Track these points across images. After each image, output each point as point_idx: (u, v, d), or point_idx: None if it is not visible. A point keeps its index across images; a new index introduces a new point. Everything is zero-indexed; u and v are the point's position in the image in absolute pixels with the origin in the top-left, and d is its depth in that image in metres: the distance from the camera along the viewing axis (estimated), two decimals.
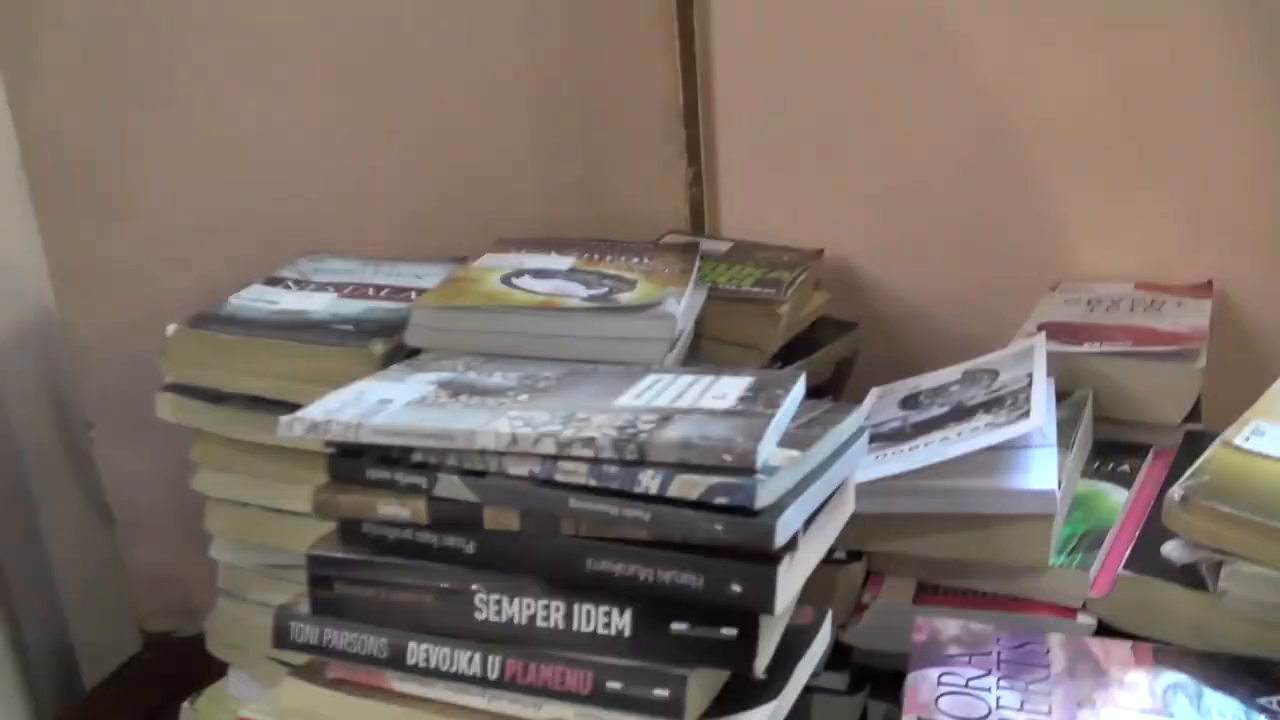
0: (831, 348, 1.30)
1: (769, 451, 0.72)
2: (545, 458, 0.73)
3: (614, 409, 0.78)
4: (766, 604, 0.70)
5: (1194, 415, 1.10)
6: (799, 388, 0.82)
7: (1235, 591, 0.83)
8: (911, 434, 0.99)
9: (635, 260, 1.11)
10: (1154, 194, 1.31)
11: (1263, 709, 0.78)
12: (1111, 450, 1.09)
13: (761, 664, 0.72)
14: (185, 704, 1.11)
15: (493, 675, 0.75)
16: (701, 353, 1.12)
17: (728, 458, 0.69)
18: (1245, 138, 1.25)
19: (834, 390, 1.28)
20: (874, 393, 1.13)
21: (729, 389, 0.81)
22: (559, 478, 0.73)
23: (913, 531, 0.95)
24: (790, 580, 0.72)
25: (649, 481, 0.70)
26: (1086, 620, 0.90)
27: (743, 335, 1.15)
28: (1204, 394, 1.11)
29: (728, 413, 0.76)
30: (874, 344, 1.36)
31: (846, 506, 0.84)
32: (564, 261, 1.10)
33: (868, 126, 1.38)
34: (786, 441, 0.75)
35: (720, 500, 0.68)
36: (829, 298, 1.34)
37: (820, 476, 0.75)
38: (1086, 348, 1.13)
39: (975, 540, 0.93)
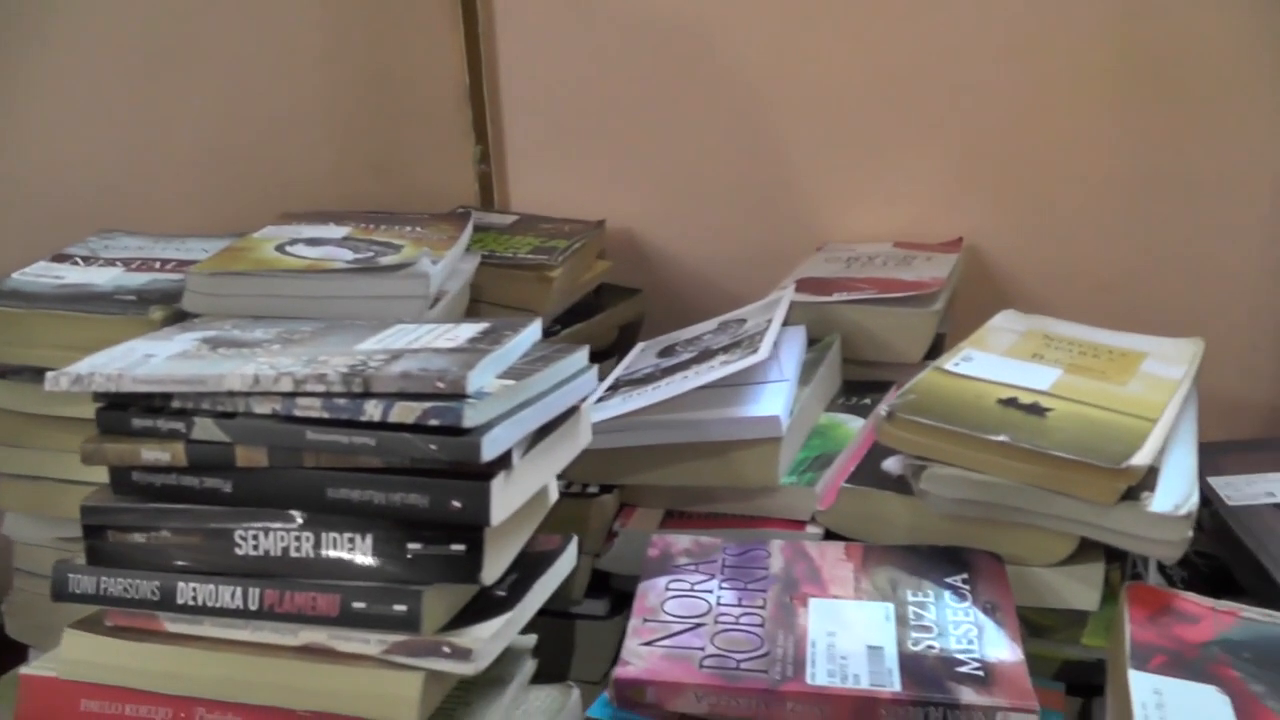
0: (613, 312, 1.37)
1: (484, 380, 0.78)
2: (284, 395, 0.79)
3: (352, 352, 0.83)
4: (483, 516, 0.76)
5: (935, 354, 1.18)
6: (529, 331, 0.89)
7: (934, 492, 0.91)
8: (659, 376, 1.06)
9: (408, 229, 1.17)
10: (909, 162, 1.41)
11: (950, 586, 0.87)
12: (859, 388, 1.18)
13: (490, 575, 0.78)
14: None
15: (253, 607, 0.80)
16: (480, 317, 1.18)
17: (441, 385, 0.76)
18: (993, 108, 1.37)
19: (619, 352, 1.34)
20: (639, 346, 1.21)
21: (464, 333, 0.87)
22: (297, 413, 0.78)
23: (657, 463, 1.03)
24: (508, 496, 0.78)
25: (373, 410, 0.76)
26: (815, 531, 0.98)
27: (517, 300, 1.22)
28: (951, 335, 1.20)
29: (453, 350, 0.83)
30: (658, 308, 1.43)
31: (579, 438, 0.90)
32: (339, 231, 1.15)
33: (646, 104, 1.46)
34: (508, 374, 0.82)
35: (434, 422, 0.74)
36: (611, 265, 1.41)
37: (536, 403, 0.82)
38: (835, 297, 1.21)
39: (712, 466, 1.01)
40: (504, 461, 0.77)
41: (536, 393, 0.83)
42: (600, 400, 1.06)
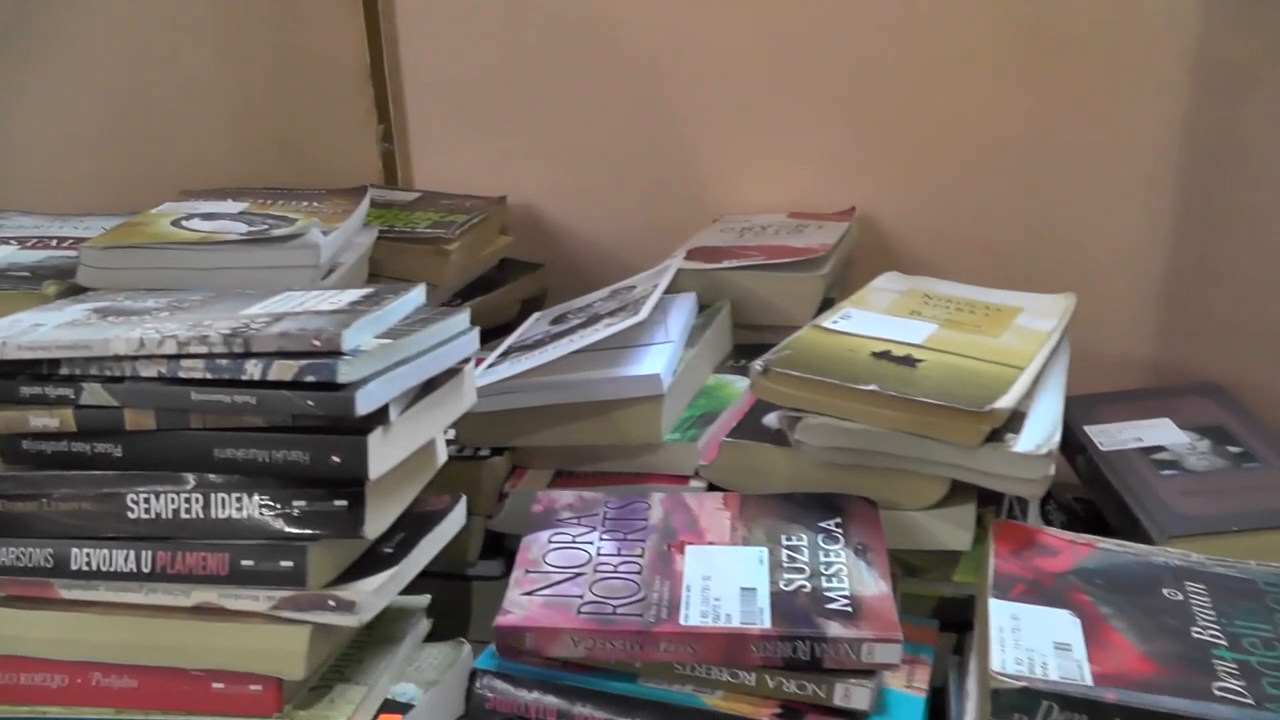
0: (515, 286, 1.40)
1: (360, 339, 0.81)
2: (169, 358, 0.81)
3: (236, 316, 0.85)
4: (362, 470, 0.79)
5: None
6: (411, 295, 0.92)
7: (808, 442, 0.95)
8: (548, 342, 1.09)
9: (305, 204, 1.19)
10: (803, 135, 1.44)
11: (823, 530, 0.90)
12: (749, 351, 1.19)
13: (373, 529, 0.81)
14: None
15: (146, 569, 0.82)
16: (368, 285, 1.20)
17: (317, 343, 0.78)
18: (885, 80, 1.40)
19: None
20: (534, 316, 1.24)
21: (346, 297, 0.90)
22: (181, 375, 0.80)
23: (545, 424, 1.06)
24: (387, 451, 0.81)
25: (253, 369, 0.78)
26: (698, 485, 1.01)
27: (415, 273, 1.24)
28: (843, 299, 1.23)
29: (333, 312, 0.85)
30: (560, 282, 1.46)
31: (463, 399, 0.93)
32: (236, 207, 1.17)
33: (546, 81, 1.48)
34: (388, 335, 0.84)
35: (310, 378, 0.77)
36: (513, 241, 1.43)
37: (414, 361, 0.84)
38: (724, 264, 1.24)
39: (598, 425, 1.04)
40: (381, 417, 0.80)
41: (415, 352, 0.85)
42: (491, 366, 1.08)
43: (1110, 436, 1.13)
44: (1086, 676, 0.74)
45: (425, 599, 0.96)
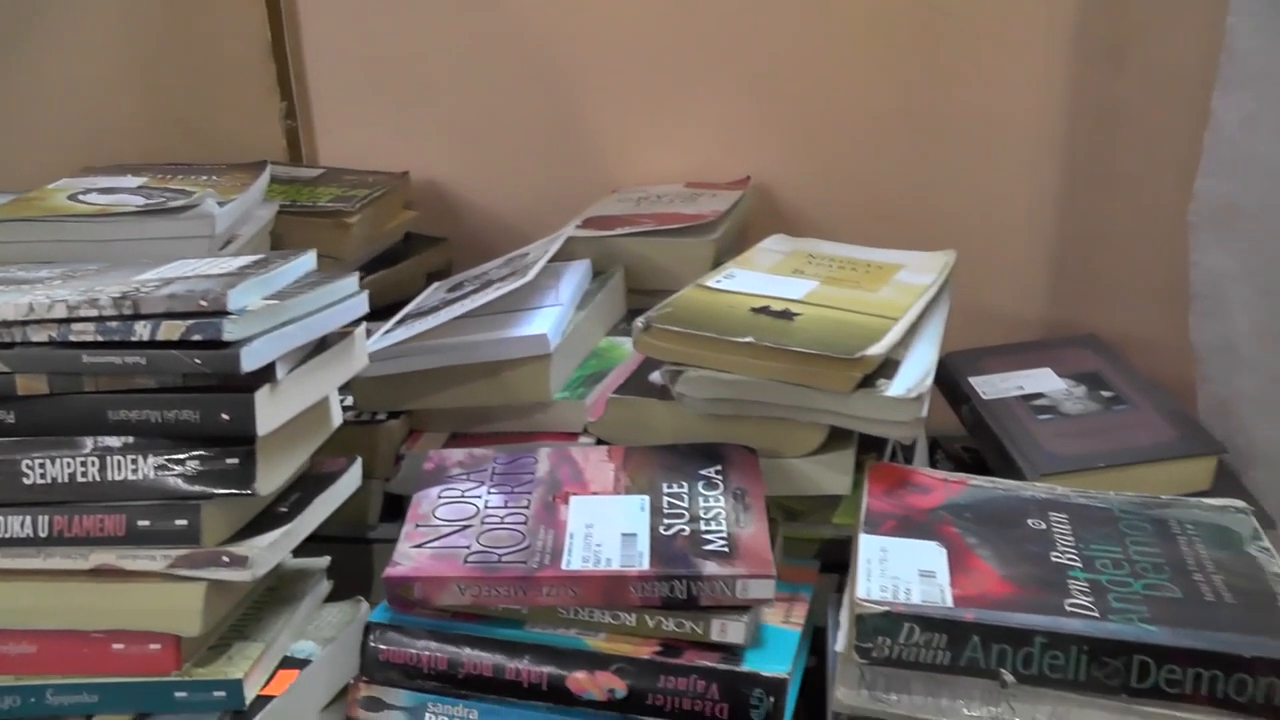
0: (419, 259, 1.42)
1: (247, 300, 0.83)
2: (59, 322, 0.82)
3: (128, 281, 0.87)
4: (249, 426, 0.81)
5: None
6: (301, 261, 0.94)
7: (689, 394, 0.98)
8: (442, 307, 1.12)
9: (204, 178, 1.21)
10: (700, 107, 1.48)
11: (704, 477, 0.93)
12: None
13: (265, 486, 0.84)
14: None
15: (43, 534, 0.83)
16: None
17: (204, 303, 0.80)
18: (779, 52, 1.44)
19: None
20: (433, 286, 1.26)
21: (237, 262, 0.92)
22: (72, 338, 0.82)
23: (438, 387, 1.09)
24: (275, 408, 0.84)
25: (142, 330, 0.80)
26: (587, 441, 1.04)
27: (317, 246, 1.25)
28: None
29: (222, 275, 0.87)
30: (464, 255, 1.47)
31: (354, 360, 0.96)
32: (135, 181, 1.19)
33: (447, 57, 1.50)
34: (275, 297, 0.87)
35: (196, 337, 0.79)
36: (417, 215, 1.46)
37: (301, 322, 0.87)
38: (617, 231, 1.27)
39: (489, 386, 1.07)
40: (268, 375, 0.82)
41: (302, 312, 0.88)
42: (387, 333, 1.10)
43: (993, 386, 1.18)
44: (948, 599, 0.78)
45: (325, 560, 0.99)
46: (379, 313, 1.07)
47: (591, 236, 1.27)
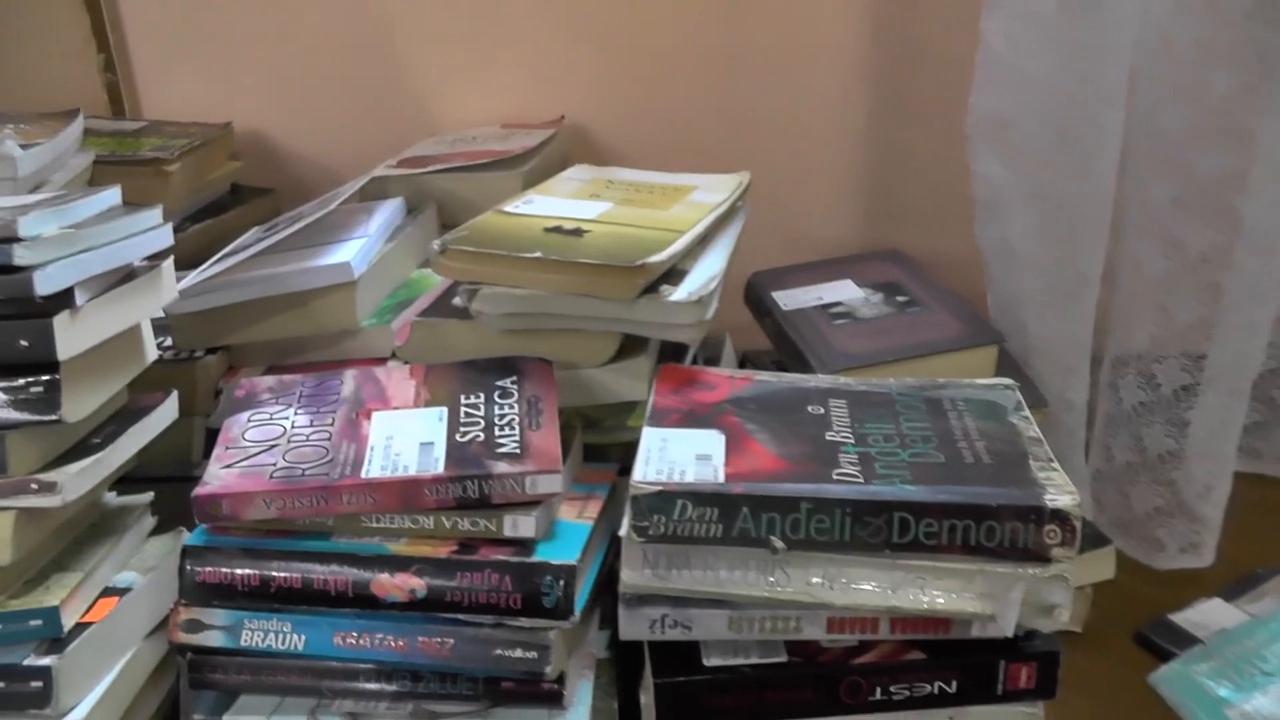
0: (245, 209, 1.44)
1: (41, 228, 0.85)
2: None
3: None
4: (50, 352, 0.83)
5: None
6: (104, 195, 0.96)
7: (485, 311, 1.01)
8: (254, 244, 1.14)
9: (13, 125, 1.21)
10: (513, 48, 1.51)
11: (499, 388, 0.98)
12: None
13: (71, 413, 0.86)
14: None
15: None
16: None
17: None
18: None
19: None
20: (253, 230, 1.28)
21: (35, 197, 0.95)
22: None
23: (250, 321, 1.12)
24: (76, 335, 0.86)
25: None
26: (395, 365, 1.07)
27: (138, 196, 1.26)
28: None
29: (18, 207, 0.89)
30: (292, 205, 1.48)
31: (162, 292, 0.98)
32: None
33: (264, 6, 1.51)
34: (74, 227, 0.89)
35: None
36: (242, 165, 1.47)
37: (100, 250, 0.89)
38: (429, 168, 1.30)
39: (298, 317, 1.10)
40: (67, 301, 0.84)
41: (101, 241, 0.90)
42: (202, 270, 1.13)
43: (794, 298, 1.23)
44: (720, 477, 0.83)
45: (148, 496, 1.02)
46: None
47: (404, 175, 1.30)
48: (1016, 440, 0.89)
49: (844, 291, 1.23)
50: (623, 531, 0.82)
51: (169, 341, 1.12)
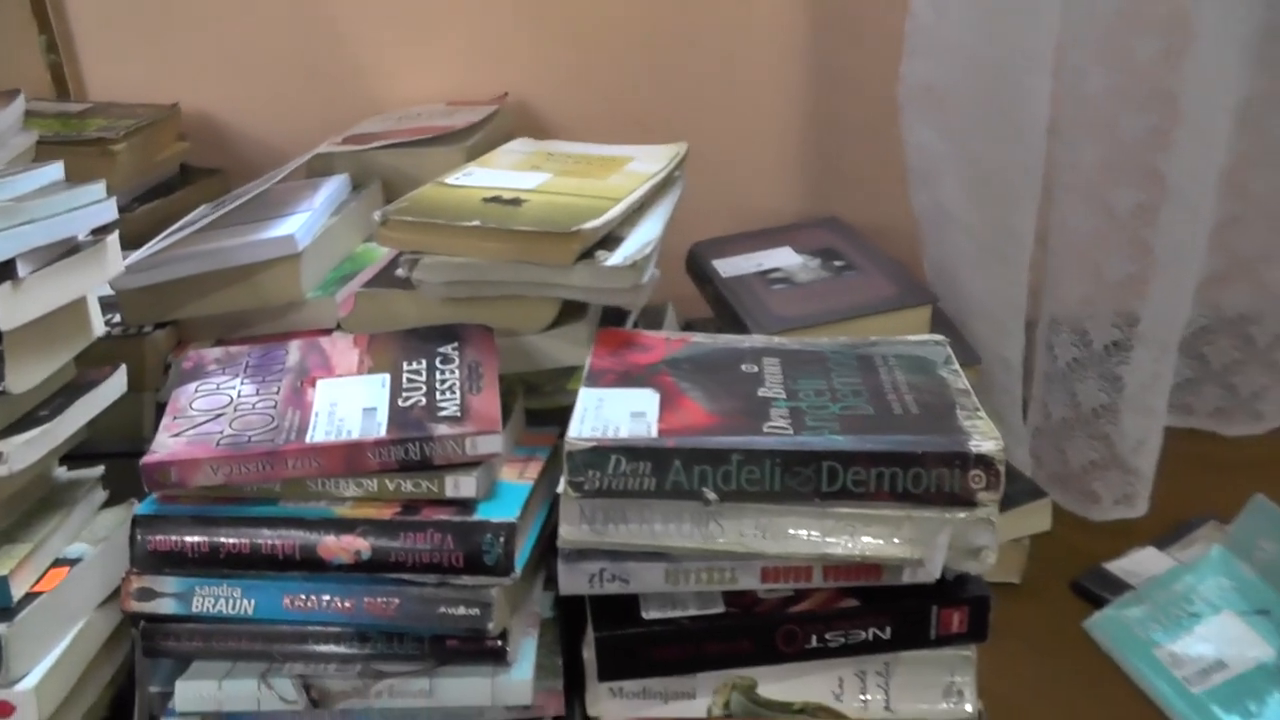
0: (195, 188, 1.45)
1: None
2: None
3: None
4: None
5: None
6: (48, 170, 0.98)
7: (426, 280, 1.03)
8: (200, 220, 1.16)
9: None
10: (457, 31, 1.53)
11: (441, 354, 1.00)
12: None
13: (17, 384, 0.88)
14: None
15: None
16: None
17: None
18: None
19: None
20: (202, 207, 1.29)
21: None
22: None
23: (197, 295, 1.14)
24: (19, 306, 0.88)
25: None
26: (340, 335, 1.09)
27: (84, 176, 1.27)
28: None
29: None
30: (241, 185, 1.50)
31: (107, 265, 1.00)
32: None
33: None
34: (14, 200, 0.90)
35: None
36: (190, 146, 1.49)
37: (41, 223, 0.91)
38: (373, 145, 1.32)
39: (244, 290, 1.12)
40: (8, 272, 0.86)
41: (43, 215, 0.91)
42: (149, 246, 1.14)
43: (734, 266, 1.26)
44: (653, 432, 0.85)
45: (98, 470, 1.03)
46: None
47: (348, 151, 1.32)
48: (944, 392, 0.92)
49: (782, 258, 1.25)
50: (560, 488, 0.84)
51: (117, 318, 1.13)
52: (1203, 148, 1.16)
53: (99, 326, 1.01)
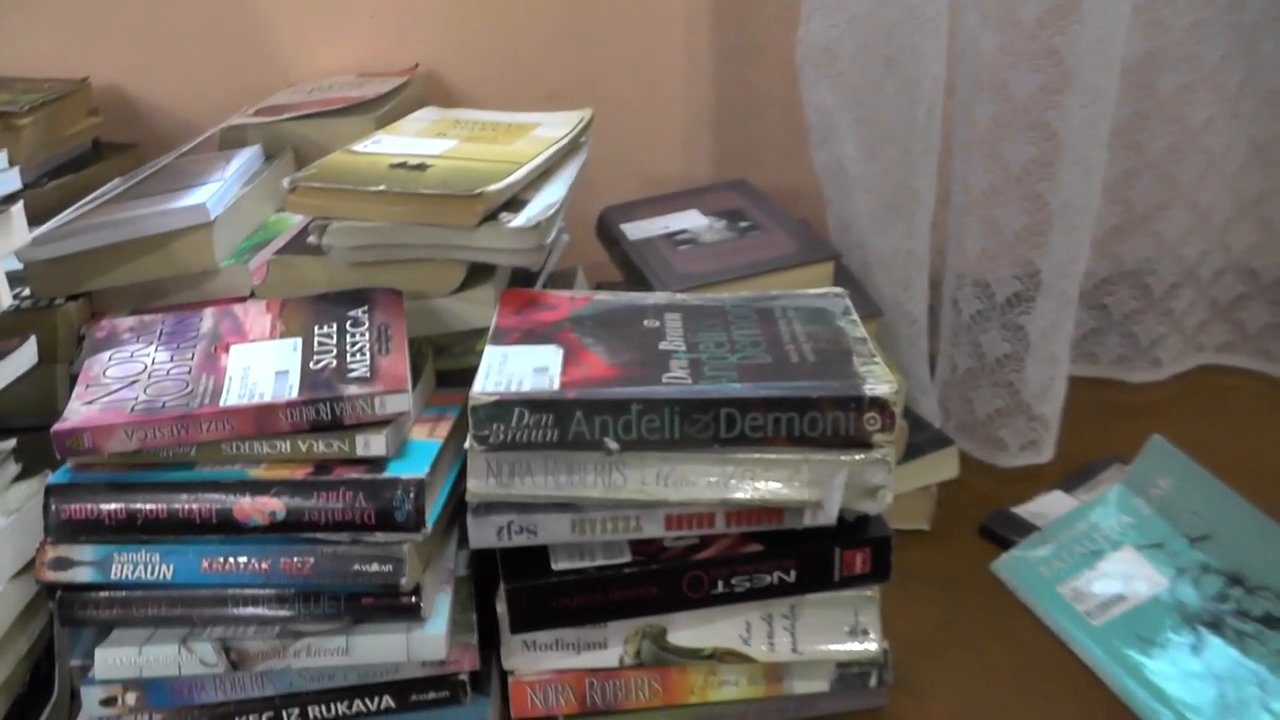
0: (107, 164, 1.44)
1: None
2: None
3: None
4: None
5: None
6: None
7: (335, 244, 1.05)
8: (112, 191, 1.17)
9: None
10: (362, 3, 1.54)
11: (351, 318, 1.02)
12: None
13: None
14: None
15: None
16: None
17: None
18: None
19: None
20: (115, 180, 1.29)
21: None
22: None
23: (110, 266, 1.14)
24: None
25: None
26: (253, 301, 1.11)
27: None
28: None
29: None
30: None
31: (12, 236, 1.00)
32: None
33: None
34: None
35: None
36: (102, 121, 1.48)
37: None
38: (284, 116, 1.33)
39: (157, 259, 1.13)
40: None
41: None
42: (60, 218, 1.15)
43: (642, 229, 1.28)
44: (555, 386, 0.88)
45: (10, 443, 1.03)
46: None
47: (260, 123, 1.33)
48: (841, 340, 0.95)
49: (689, 220, 1.28)
50: (467, 444, 0.86)
51: (28, 291, 1.13)
52: (1093, 104, 1.20)
53: (6, 298, 1.01)
